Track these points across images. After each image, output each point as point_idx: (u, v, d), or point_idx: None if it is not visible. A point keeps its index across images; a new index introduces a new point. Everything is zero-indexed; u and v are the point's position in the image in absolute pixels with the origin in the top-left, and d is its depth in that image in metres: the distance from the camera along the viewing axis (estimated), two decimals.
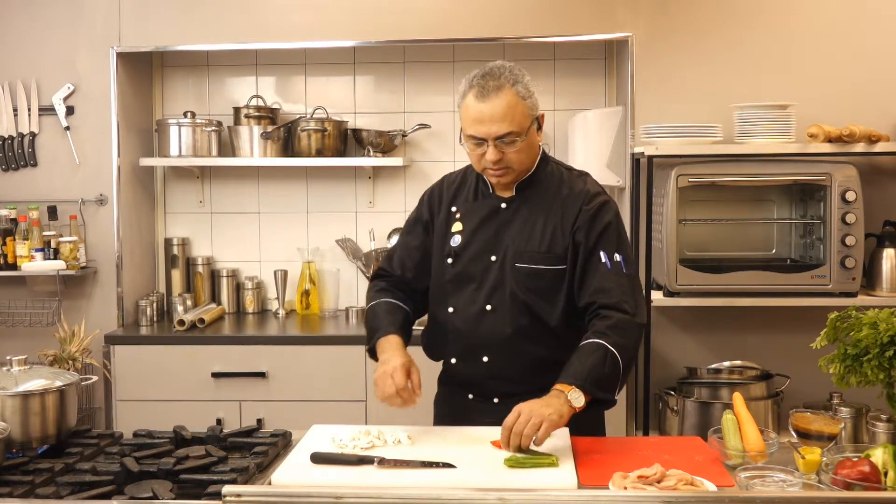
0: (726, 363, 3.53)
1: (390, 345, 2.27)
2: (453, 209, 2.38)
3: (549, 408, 2.03)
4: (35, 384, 2.14)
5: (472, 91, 2.20)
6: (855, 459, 1.86)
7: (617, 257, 2.25)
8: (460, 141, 2.28)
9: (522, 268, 2.27)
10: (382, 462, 1.96)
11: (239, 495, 1.64)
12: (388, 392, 2.16)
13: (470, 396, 2.34)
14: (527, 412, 2.02)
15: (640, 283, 2.34)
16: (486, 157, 2.20)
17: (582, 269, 2.25)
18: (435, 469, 1.92)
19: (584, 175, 2.37)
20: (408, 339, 2.34)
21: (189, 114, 3.93)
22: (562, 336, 2.28)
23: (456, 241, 2.34)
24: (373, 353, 2.35)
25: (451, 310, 2.34)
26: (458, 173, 2.46)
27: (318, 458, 2.00)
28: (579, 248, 2.26)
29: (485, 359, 2.30)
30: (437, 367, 2.46)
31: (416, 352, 2.37)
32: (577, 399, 2.07)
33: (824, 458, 1.93)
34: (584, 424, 2.19)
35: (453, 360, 2.36)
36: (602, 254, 2.24)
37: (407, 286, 2.44)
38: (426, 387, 2.27)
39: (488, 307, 2.29)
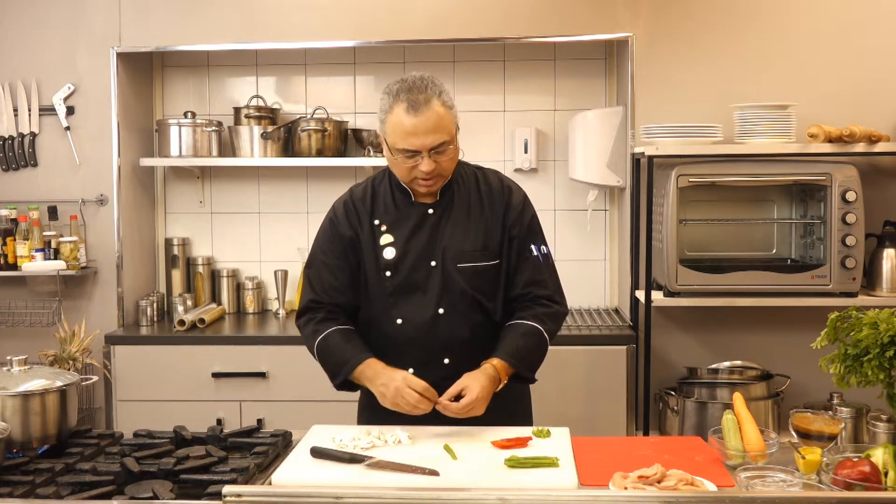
0: (726, 363, 3.53)
1: (378, 367, 2.26)
2: (376, 222, 2.37)
3: (478, 383, 2.18)
4: (35, 384, 2.15)
5: (401, 105, 2.22)
6: (855, 459, 1.86)
7: (544, 249, 2.41)
8: (390, 152, 2.27)
9: (465, 268, 2.33)
10: (371, 463, 1.96)
11: (239, 495, 1.65)
12: (414, 400, 2.16)
13: None
14: (479, 395, 2.16)
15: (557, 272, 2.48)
16: (421, 168, 2.24)
17: (515, 261, 2.36)
18: (420, 475, 1.91)
19: (495, 171, 2.47)
20: None
21: (189, 114, 3.94)
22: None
23: (390, 253, 2.34)
24: (345, 385, 2.33)
25: (399, 321, 2.34)
26: (363, 186, 2.45)
27: (316, 453, 2.02)
28: (513, 242, 2.36)
29: (446, 361, 2.33)
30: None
31: None
32: (504, 375, 2.26)
33: (825, 459, 1.93)
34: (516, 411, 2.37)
35: (411, 370, 2.29)
36: (533, 246, 2.38)
37: (341, 310, 2.39)
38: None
39: (440, 311, 2.32)
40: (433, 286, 2.32)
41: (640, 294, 3.51)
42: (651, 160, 3.45)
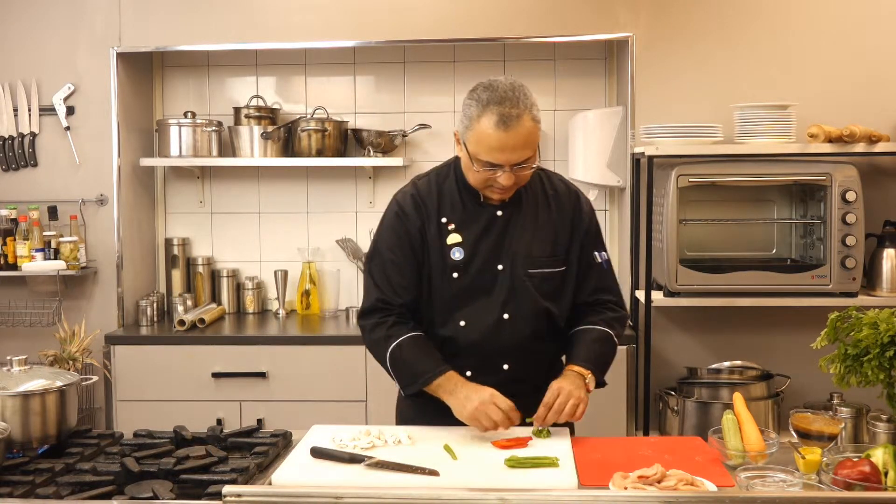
0: (726, 363, 3.53)
1: (458, 380, 2.19)
2: (443, 220, 2.29)
3: (580, 389, 2.19)
4: (35, 384, 2.14)
5: (491, 118, 2.12)
6: (855, 459, 1.86)
7: (605, 255, 2.41)
8: (468, 158, 2.20)
9: (535, 273, 2.28)
10: (371, 463, 1.96)
11: (239, 495, 1.65)
12: (498, 418, 2.09)
13: None
14: (566, 392, 2.15)
15: None
16: (500, 181, 2.17)
17: (583, 268, 2.35)
18: (419, 475, 1.91)
19: (557, 174, 2.44)
20: None
21: (189, 114, 3.93)
22: (565, 332, 2.37)
23: (458, 254, 2.27)
24: (417, 394, 2.25)
25: (462, 323, 2.28)
26: (427, 181, 2.36)
27: (316, 453, 2.02)
28: (583, 250, 2.34)
29: (505, 367, 2.29)
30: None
31: None
32: (591, 382, 2.25)
33: (825, 459, 1.93)
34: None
35: (469, 373, 2.26)
36: (596, 253, 2.37)
37: (410, 311, 2.31)
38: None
39: (505, 316, 2.27)
40: (499, 290, 2.27)
41: (640, 294, 3.51)
42: (651, 160, 3.45)
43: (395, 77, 4.11)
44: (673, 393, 3.47)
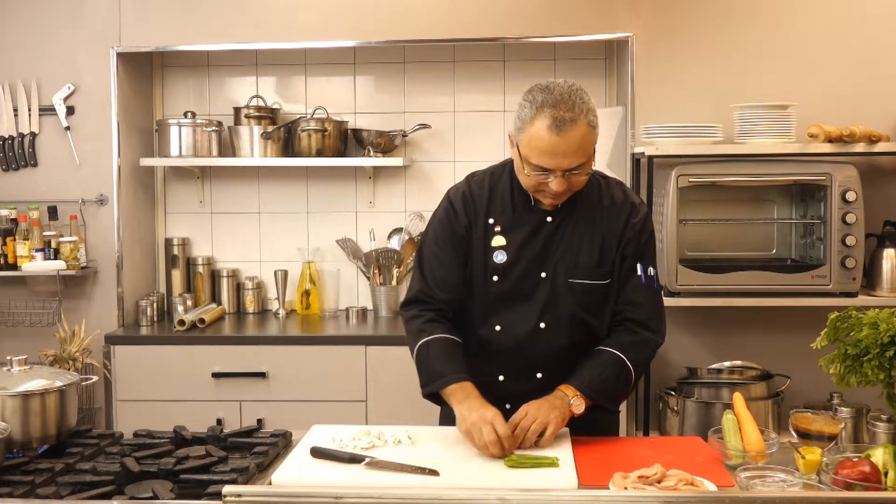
0: (726, 363, 3.53)
1: (470, 393, 2.13)
2: (490, 221, 2.26)
3: (555, 410, 2.09)
4: (35, 384, 2.14)
5: (544, 121, 2.06)
6: (855, 459, 1.86)
7: (651, 271, 2.28)
8: (520, 161, 2.15)
9: (576, 284, 2.23)
10: (371, 463, 1.96)
11: (239, 495, 1.64)
12: (489, 439, 2.00)
13: (507, 407, 2.24)
14: (534, 413, 2.07)
15: (662, 298, 2.34)
16: (552, 187, 2.12)
17: (620, 278, 2.26)
18: (419, 475, 1.91)
19: (619, 182, 2.34)
20: None
21: (189, 114, 3.93)
22: None
23: (500, 257, 2.23)
24: (432, 397, 2.23)
25: (497, 328, 2.26)
26: (482, 177, 2.32)
27: (316, 453, 2.02)
28: (624, 261, 2.26)
29: (539, 375, 2.26)
30: None
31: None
32: (578, 406, 2.14)
33: (825, 459, 1.93)
34: (601, 427, 2.24)
35: (501, 378, 2.27)
36: (639, 266, 2.26)
37: (450, 310, 2.29)
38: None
39: (542, 325, 2.23)
40: (539, 298, 2.23)
41: None
42: (651, 160, 3.45)
43: (395, 77, 4.11)
44: (673, 393, 3.47)
